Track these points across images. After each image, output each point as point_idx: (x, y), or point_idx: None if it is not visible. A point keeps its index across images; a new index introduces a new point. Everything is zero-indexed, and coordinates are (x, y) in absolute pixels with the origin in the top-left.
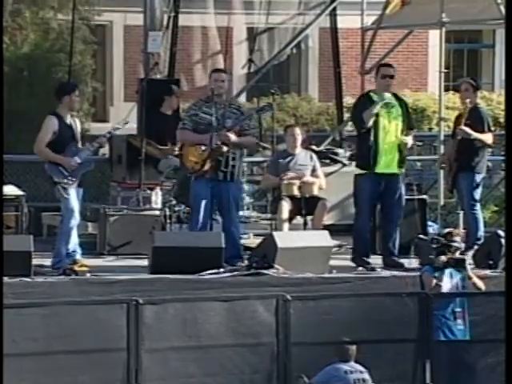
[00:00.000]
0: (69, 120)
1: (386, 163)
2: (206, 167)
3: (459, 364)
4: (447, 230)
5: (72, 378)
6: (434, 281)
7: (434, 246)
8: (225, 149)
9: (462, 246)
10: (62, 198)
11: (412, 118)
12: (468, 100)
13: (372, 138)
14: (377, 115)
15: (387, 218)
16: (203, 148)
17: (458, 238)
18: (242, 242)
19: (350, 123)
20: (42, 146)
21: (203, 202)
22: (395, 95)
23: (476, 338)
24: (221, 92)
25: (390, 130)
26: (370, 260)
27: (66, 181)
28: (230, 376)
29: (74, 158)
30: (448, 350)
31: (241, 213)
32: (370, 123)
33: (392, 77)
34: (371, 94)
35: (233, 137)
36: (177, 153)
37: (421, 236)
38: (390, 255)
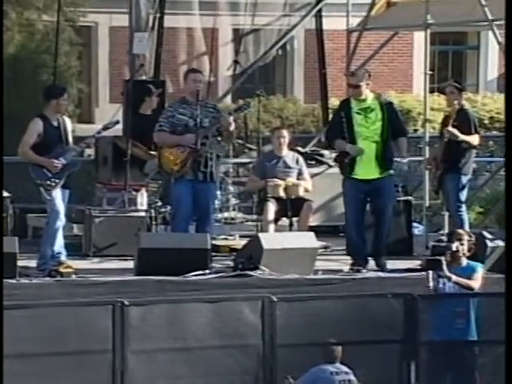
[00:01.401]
0: (56, 121)
1: (367, 170)
2: (186, 168)
3: (444, 365)
4: (450, 231)
5: (57, 379)
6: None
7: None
8: (204, 149)
9: (453, 246)
10: (45, 199)
11: (402, 122)
12: (456, 102)
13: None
14: (352, 123)
15: (377, 220)
16: (182, 149)
17: (459, 238)
18: (228, 243)
19: None
20: (25, 149)
21: (184, 205)
22: (379, 98)
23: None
24: (198, 92)
25: (369, 136)
26: (366, 265)
27: (48, 182)
28: (216, 377)
29: (58, 159)
30: (434, 351)
31: (226, 214)
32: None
33: (357, 86)
34: (352, 100)
35: (233, 124)
36: (154, 154)
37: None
38: (380, 256)
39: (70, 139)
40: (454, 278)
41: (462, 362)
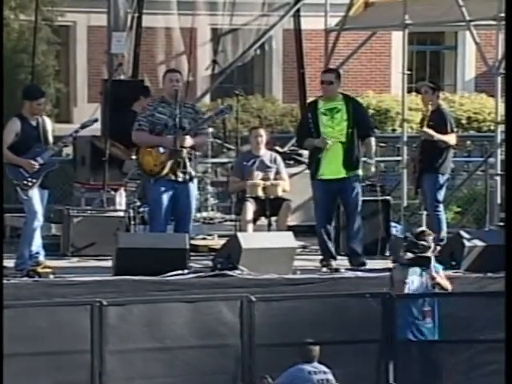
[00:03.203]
0: (35, 121)
1: (332, 170)
2: (166, 170)
3: (423, 364)
4: (420, 229)
5: (35, 380)
6: (400, 278)
7: (405, 243)
8: (185, 151)
9: (432, 245)
10: (22, 199)
11: (369, 122)
12: (430, 102)
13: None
14: (318, 124)
15: (348, 218)
16: (162, 150)
17: (429, 238)
18: (207, 243)
19: None
20: (3, 148)
21: (163, 205)
22: (346, 98)
23: (440, 338)
24: (176, 92)
25: (334, 136)
26: (333, 261)
27: (25, 182)
28: (194, 377)
29: (36, 158)
30: (412, 350)
31: (205, 214)
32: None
33: (331, 83)
34: (319, 101)
35: (190, 140)
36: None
37: (396, 235)
38: (354, 255)
39: (51, 139)
40: (438, 279)
41: (438, 361)
